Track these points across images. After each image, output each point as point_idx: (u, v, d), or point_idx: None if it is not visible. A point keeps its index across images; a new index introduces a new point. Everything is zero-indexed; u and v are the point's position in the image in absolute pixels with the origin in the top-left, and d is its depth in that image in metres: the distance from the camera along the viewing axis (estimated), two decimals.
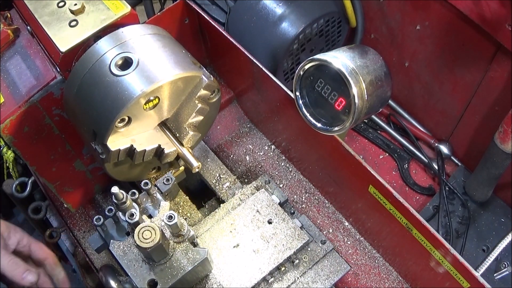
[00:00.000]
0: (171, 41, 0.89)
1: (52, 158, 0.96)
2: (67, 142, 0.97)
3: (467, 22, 0.94)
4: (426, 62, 1.13)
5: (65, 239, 1.14)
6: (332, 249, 0.98)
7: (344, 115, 0.84)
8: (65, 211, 1.14)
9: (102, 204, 1.13)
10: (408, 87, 1.23)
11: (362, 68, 0.81)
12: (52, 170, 0.97)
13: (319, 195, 1.13)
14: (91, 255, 1.07)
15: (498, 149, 0.95)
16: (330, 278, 0.95)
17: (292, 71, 1.18)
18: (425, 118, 1.26)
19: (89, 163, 1.04)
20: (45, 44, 0.89)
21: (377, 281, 1.03)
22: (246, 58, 1.00)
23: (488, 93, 1.03)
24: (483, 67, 1.00)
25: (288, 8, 1.10)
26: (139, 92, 0.77)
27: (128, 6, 0.90)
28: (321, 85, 0.85)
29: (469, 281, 0.79)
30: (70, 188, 1.06)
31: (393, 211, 0.87)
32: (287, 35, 1.09)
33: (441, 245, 0.80)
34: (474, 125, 1.12)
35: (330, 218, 1.11)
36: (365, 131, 1.29)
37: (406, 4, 1.07)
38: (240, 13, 1.16)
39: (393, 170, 1.24)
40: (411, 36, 1.12)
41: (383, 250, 1.05)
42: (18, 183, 1.16)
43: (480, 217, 1.13)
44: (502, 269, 1.04)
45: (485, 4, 0.87)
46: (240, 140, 1.22)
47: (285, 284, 0.93)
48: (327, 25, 1.15)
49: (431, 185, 1.20)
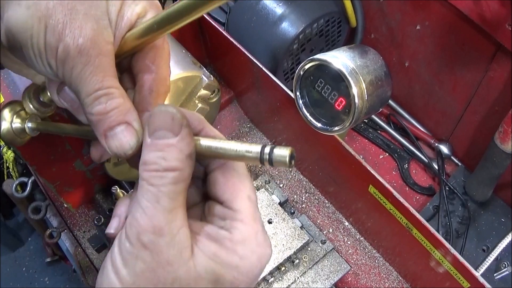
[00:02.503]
0: (171, 41, 0.89)
1: (52, 158, 0.96)
2: (67, 142, 0.97)
3: (467, 22, 0.94)
4: (426, 62, 1.13)
5: (65, 239, 1.14)
6: (332, 249, 0.98)
7: (344, 115, 0.84)
8: (65, 211, 1.14)
9: (102, 204, 1.13)
10: (408, 87, 1.23)
11: (362, 68, 0.81)
12: (52, 170, 0.97)
13: (319, 195, 1.13)
14: (91, 255, 1.07)
15: (498, 149, 0.95)
16: (330, 278, 0.95)
17: (292, 71, 1.18)
18: (425, 118, 1.26)
19: (89, 163, 1.04)
20: None
21: (377, 281, 1.03)
22: (246, 58, 1.00)
23: (488, 93, 1.03)
24: (483, 67, 1.00)
25: (288, 8, 1.10)
26: None
27: None
28: (321, 85, 0.85)
29: (469, 281, 0.79)
30: (70, 188, 1.06)
31: (393, 211, 0.87)
32: (287, 35, 1.09)
33: (441, 245, 0.80)
34: (474, 125, 1.12)
35: (330, 218, 1.11)
36: (365, 131, 1.29)
37: (406, 4, 1.07)
38: (240, 13, 1.16)
39: (393, 170, 1.24)
40: (411, 36, 1.12)
41: (383, 250, 1.05)
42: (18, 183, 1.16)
43: (480, 217, 1.13)
44: (502, 269, 1.04)
45: (485, 4, 0.87)
46: (240, 140, 1.22)
47: (285, 284, 0.93)
48: (327, 25, 1.15)
49: (431, 185, 1.20)
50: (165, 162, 0.37)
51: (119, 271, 0.37)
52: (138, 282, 0.36)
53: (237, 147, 0.38)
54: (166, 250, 0.36)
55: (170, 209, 0.37)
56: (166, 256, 0.36)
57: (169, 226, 0.36)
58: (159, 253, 0.36)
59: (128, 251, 0.36)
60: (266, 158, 0.37)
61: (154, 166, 0.37)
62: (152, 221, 0.36)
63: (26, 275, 2.03)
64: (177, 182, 0.37)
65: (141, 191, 0.37)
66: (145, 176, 0.37)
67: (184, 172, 0.38)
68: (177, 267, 0.36)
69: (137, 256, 0.36)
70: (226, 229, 0.39)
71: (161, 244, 0.36)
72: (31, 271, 2.04)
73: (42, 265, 2.01)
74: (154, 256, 0.36)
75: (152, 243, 0.36)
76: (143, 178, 0.37)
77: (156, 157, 0.37)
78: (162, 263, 0.36)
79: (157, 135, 0.38)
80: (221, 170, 0.41)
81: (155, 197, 0.36)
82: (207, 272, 0.37)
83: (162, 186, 0.36)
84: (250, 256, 0.38)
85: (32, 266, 2.05)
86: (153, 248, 0.36)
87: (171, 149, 0.37)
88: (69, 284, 1.97)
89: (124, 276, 0.36)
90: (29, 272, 2.04)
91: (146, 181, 0.37)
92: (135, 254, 0.36)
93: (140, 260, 0.36)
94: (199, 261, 0.37)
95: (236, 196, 0.40)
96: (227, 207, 0.40)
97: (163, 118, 0.38)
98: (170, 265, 0.36)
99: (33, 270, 2.04)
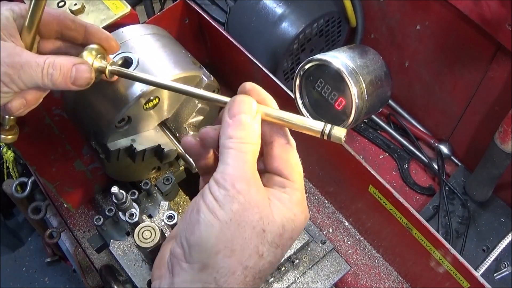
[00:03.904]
0: (171, 41, 0.89)
1: (52, 158, 0.96)
2: (67, 142, 0.97)
3: (467, 22, 0.94)
4: (426, 62, 1.13)
5: (65, 239, 1.14)
6: (332, 249, 0.98)
7: (344, 115, 0.84)
8: (65, 211, 1.14)
9: (102, 204, 1.13)
10: (408, 87, 1.23)
11: (362, 68, 0.81)
12: (52, 170, 0.97)
13: (319, 195, 1.13)
14: (91, 255, 1.07)
15: (498, 149, 0.95)
16: (330, 278, 0.95)
17: (292, 71, 1.18)
18: (425, 118, 1.26)
19: (89, 163, 1.04)
20: None
21: (377, 281, 1.03)
22: (246, 58, 1.00)
23: (488, 93, 1.03)
24: (483, 67, 1.00)
25: (288, 8, 1.10)
26: (139, 92, 0.77)
27: (128, 6, 0.90)
28: (321, 85, 0.85)
29: (469, 281, 0.79)
30: (70, 188, 1.06)
31: (393, 211, 0.87)
32: (287, 35, 1.09)
33: (441, 245, 0.80)
34: (474, 125, 1.12)
35: (330, 218, 1.11)
36: (365, 131, 1.29)
37: (406, 4, 1.07)
38: (240, 13, 1.16)
39: (393, 170, 1.24)
40: (411, 36, 1.12)
41: (383, 250, 1.05)
42: (18, 183, 1.16)
43: (480, 217, 1.13)
44: (502, 269, 1.04)
45: (485, 4, 0.87)
46: None
47: (285, 284, 0.93)
48: (327, 25, 1.15)
49: (431, 185, 1.20)
50: (248, 137, 0.50)
51: (216, 211, 0.47)
52: (234, 218, 0.47)
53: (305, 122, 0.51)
54: (255, 196, 0.48)
55: (253, 168, 0.49)
56: (255, 200, 0.48)
57: (254, 179, 0.49)
58: (251, 197, 0.48)
59: (224, 196, 0.47)
60: (325, 133, 0.51)
61: (241, 140, 0.49)
62: (243, 174, 0.48)
63: (26, 275, 2.03)
64: (255, 152, 0.50)
65: (228, 156, 0.49)
66: (233, 146, 0.49)
67: (258, 145, 0.50)
68: (262, 208, 0.48)
69: (233, 199, 0.47)
70: (287, 194, 0.52)
71: (251, 191, 0.48)
72: (31, 271, 2.04)
73: (42, 265, 2.01)
74: (247, 199, 0.47)
75: (244, 189, 0.47)
76: (231, 147, 0.49)
77: (241, 133, 0.50)
78: (252, 205, 0.48)
79: (240, 117, 0.50)
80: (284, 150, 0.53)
81: (243, 159, 0.49)
82: (279, 217, 0.49)
83: (247, 152, 0.49)
84: (300, 214, 0.52)
85: (32, 266, 2.05)
86: (245, 193, 0.47)
87: (252, 129, 0.50)
88: (69, 284, 1.97)
89: (222, 215, 0.47)
90: (29, 272, 2.04)
91: (234, 148, 0.49)
92: (231, 197, 0.47)
93: (236, 202, 0.47)
94: (273, 209, 0.50)
95: (294, 171, 0.53)
96: (286, 178, 0.52)
97: (245, 105, 0.51)
98: (257, 207, 0.48)
99: (33, 270, 2.04)
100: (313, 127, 0.51)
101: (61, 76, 0.60)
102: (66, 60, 0.61)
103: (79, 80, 0.62)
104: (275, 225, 0.49)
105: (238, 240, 0.47)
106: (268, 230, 0.48)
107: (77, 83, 0.62)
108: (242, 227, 0.47)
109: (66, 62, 0.61)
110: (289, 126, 0.52)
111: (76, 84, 0.62)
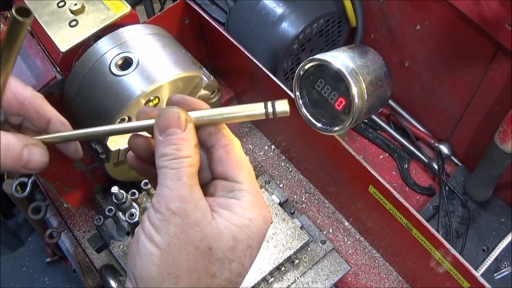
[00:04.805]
0: (171, 41, 0.89)
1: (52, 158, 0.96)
2: None
3: (467, 22, 0.94)
4: (426, 62, 1.13)
5: (65, 239, 1.14)
6: (332, 249, 0.98)
7: (344, 115, 0.84)
8: (65, 211, 1.14)
9: (102, 204, 1.13)
10: (408, 87, 1.23)
11: (362, 68, 0.81)
12: (52, 170, 0.97)
13: (319, 195, 1.13)
14: (91, 255, 1.07)
15: (498, 149, 0.95)
16: (330, 278, 0.95)
17: (292, 71, 1.18)
18: (425, 118, 1.26)
19: (89, 163, 1.04)
20: (45, 44, 0.89)
21: (377, 281, 1.03)
22: (246, 58, 1.00)
23: (488, 93, 1.03)
24: (483, 67, 1.00)
25: (288, 8, 1.10)
26: (139, 92, 0.77)
27: (128, 6, 0.90)
28: (321, 85, 0.85)
29: (469, 281, 0.79)
30: (70, 188, 1.06)
31: (393, 211, 0.87)
32: (287, 35, 1.09)
33: (441, 245, 0.80)
34: (474, 125, 1.12)
35: (330, 218, 1.11)
36: (365, 131, 1.29)
37: (406, 4, 1.07)
38: (240, 13, 1.16)
39: (393, 170, 1.24)
40: (411, 36, 1.12)
41: (383, 250, 1.05)
42: (18, 183, 1.16)
43: (480, 217, 1.13)
44: (502, 269, 1.04)
45: (485, 4, 0.87)
46: (240, 140, 1.22)
47: (285, 284, 0.93)
48: (327, 25, 1.15)
49: (431, 185, 1.20)
50: (180, 152, 0.45)
51: (154, 238, 0.44)
52: (172, 243, 0.43)
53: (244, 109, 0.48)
54: (193, 214, 0.44)
55: (190, 184, 0.45)
56: (193, 218, 0.44)
57: (191, 196, 0.44)
58: (187, 217, 0.44)
59: (160, 220, 0.44)
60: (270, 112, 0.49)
61: (172, 156, 0.45)
62: (178, 193, 0.44)
63: (26, 275, 2.03)
64: (191, 165, 0.46)
65: (163, 175, 0.45)
66: (166, 164, 0.45)
67: (194, 158, 0.46)
68: (203, 226, 0.44)
69: (168, 222, 0.43)
70: (236, 198, 0.47)
71: (188, 209, 0.44)
72: (31, 271, 2.04)
73: (42, 265, 2.01)
74: (184, 219, 0.44)
75: (180, 209, 0.44)
76: (163, 166, 0.45)
77: (172, 149, 0.45)
78: (191, 224, 0.44)
79: (168, 132, 0.46)
80: (225, 151, 0.49)
81: (176, 177, 0.45)
82: (227, 229, 0.45)
83: (181, 168, 0.45)
84: (257, 217, 0.47)
85: (32, 266, 2.05)
86: (181, 213, 0.44)
87: (183, 141, 0.46)
88: (69, 284, 1.97)
89: (159, 240, 0.43)
90: (29, 272, 2.03)
91: (166, 167, 0.45)
92: (167, 221, 0.43)
93: (172, 224, 0.43)
94: (219, 222, 0.45)
95: (240, 171, 0.49)
96: (232, 181, 0.49)
97: (171, 117, 0.46)
98: (197, 225, 0.44)
99: (33, 270, 2.04)
100: (254, 111, 0.49)
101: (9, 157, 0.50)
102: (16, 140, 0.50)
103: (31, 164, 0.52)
104: (223, 240, 0.45)
105: (181, 264, 0.43)
106: (216, 247, 0.45)
107: (29, 167, 0.52)
108: (183, 249, 0.44)
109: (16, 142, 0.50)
110: (229, 120, 0.49)
111: (28, 167, 0.52)
